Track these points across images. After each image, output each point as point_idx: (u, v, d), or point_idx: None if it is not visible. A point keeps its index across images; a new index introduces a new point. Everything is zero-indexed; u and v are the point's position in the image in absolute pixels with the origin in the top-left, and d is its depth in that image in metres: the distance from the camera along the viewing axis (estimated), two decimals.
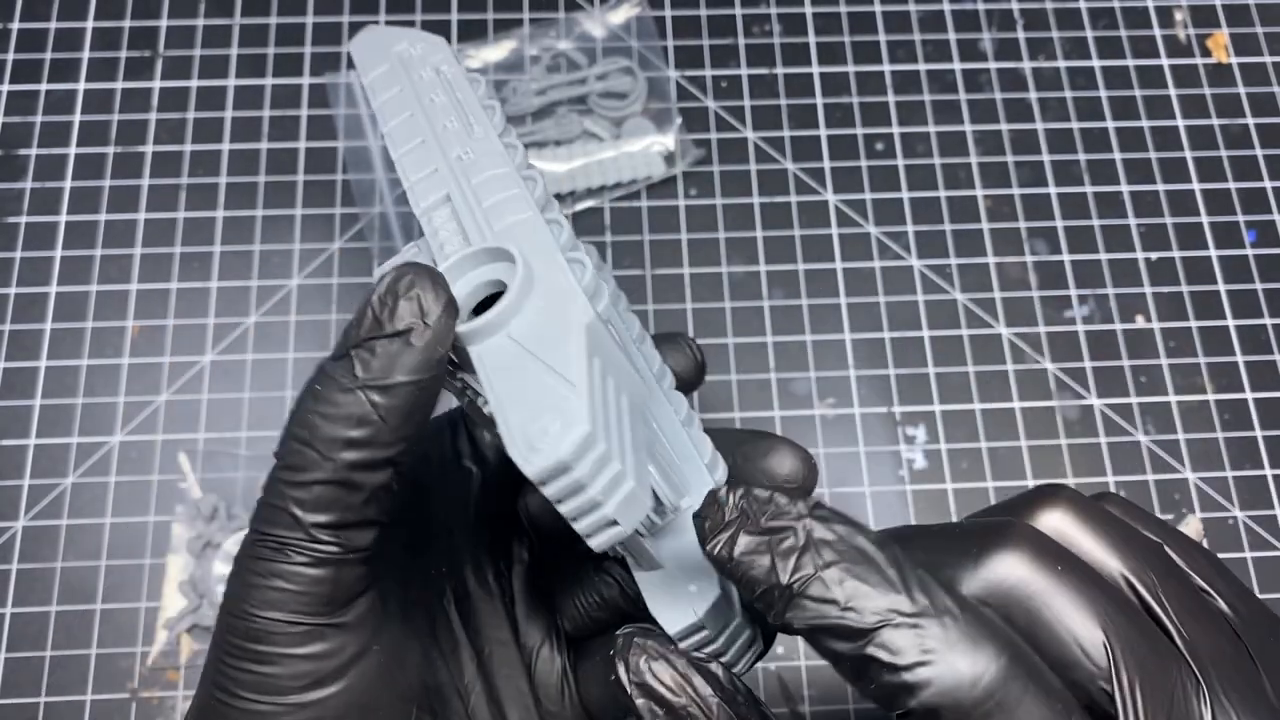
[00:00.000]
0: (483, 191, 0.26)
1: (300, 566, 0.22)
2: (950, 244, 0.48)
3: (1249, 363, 0.46)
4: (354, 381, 0.22)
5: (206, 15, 0.51)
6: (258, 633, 0.22)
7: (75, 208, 0.47)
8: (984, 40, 0.52)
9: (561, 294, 0.23)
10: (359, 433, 0.22)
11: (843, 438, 0.45)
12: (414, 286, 0.22)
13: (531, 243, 0.25)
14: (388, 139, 0.29)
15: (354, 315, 0.23)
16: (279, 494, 0.22)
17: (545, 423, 0.20)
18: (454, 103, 0.29)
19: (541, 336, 0.22)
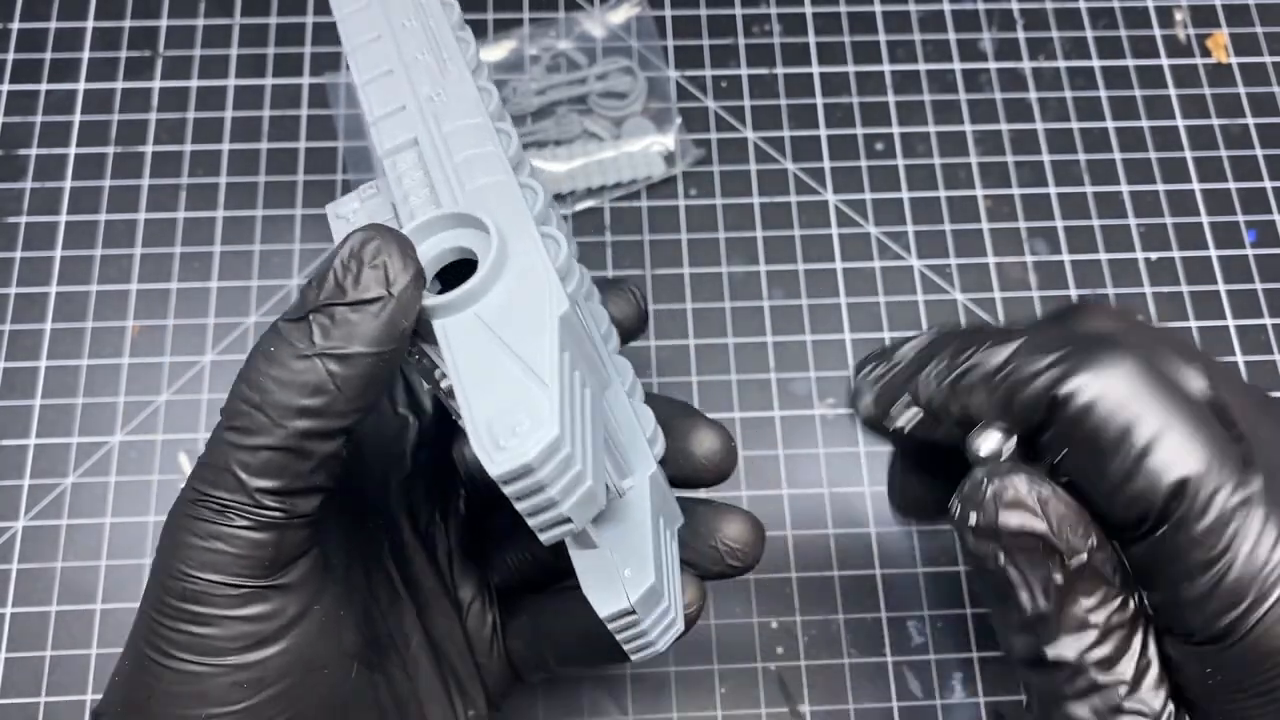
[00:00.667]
0: (454, 142, 0.25)
1: (241, 530, 0.22)
2: (950, 244, 0.48)
3: (1249, 363, 0.46)
4: (311, 348, 0.21)
5: (206, 15, 0.51)
6: (195, 594, 0.22)
7: (75, 208, 0.47)
8: (984, 40, 0.52)
9: (534, 276, 0.22)
10: (313, 401, 0.22)
11: (843, 438, 0.45)
12: (380, 253, 0.21)
13: (505, 211, 0.23)
14: (351, 60, 0.27)
15: (314, 276, 0.22)
16: (223, 455, 0.22)
17: (513, 420, 0.20)
18: (427, 32, 0.27)
19: (511, 321, 0.22)
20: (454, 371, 0.21)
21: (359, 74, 0.27)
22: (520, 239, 0.23)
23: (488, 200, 0.24)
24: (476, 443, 0.20)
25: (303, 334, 0.22)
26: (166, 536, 0.23)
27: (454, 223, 0.24)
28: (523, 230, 0.23)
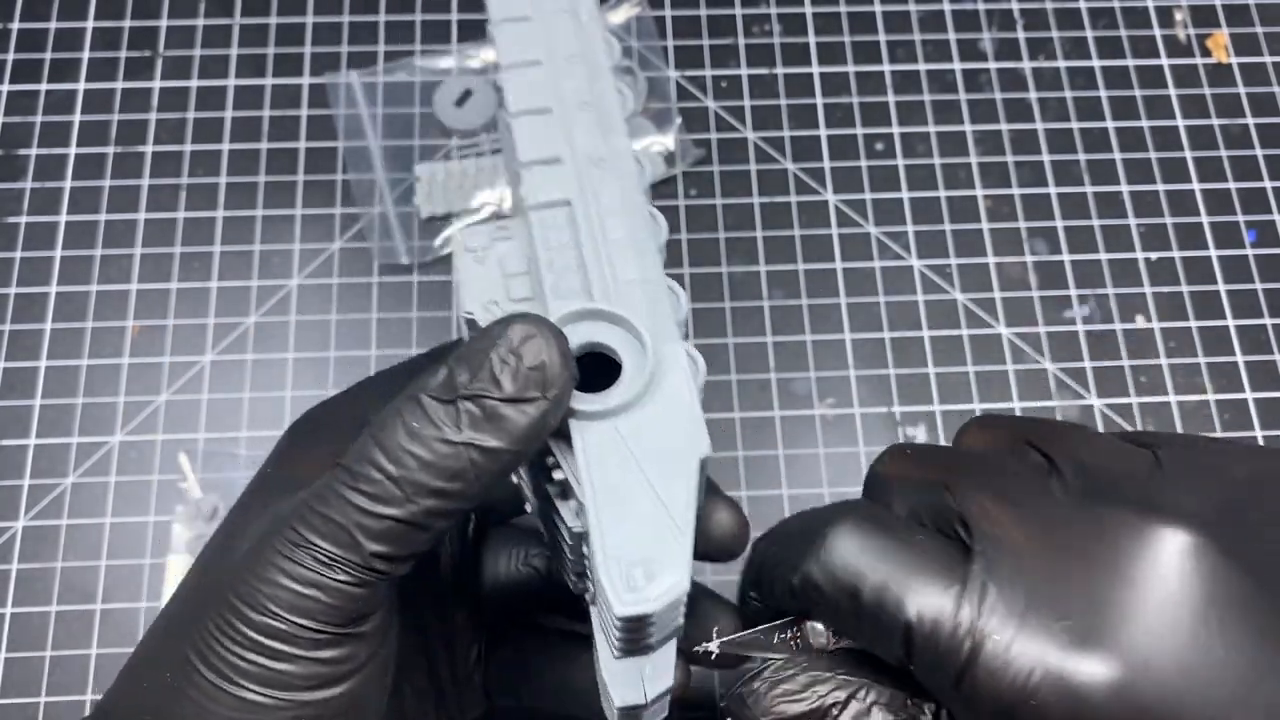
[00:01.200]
0: (610, 220, 0.24)
1: (342, 584, 0.22)
2: (950, 244, 0.48)
3: (1249, 363, 0.46)
4: (458, 434, 0.21)
5: (206, 15, 0.51)
6: (280, 632, 0.22)
7: (75, 208, 0.47)
8: (984, 40, 0.52)
9: (680, 406, 0.22)
10: (450, 485, 0.22)
11: (843, 438, 0.45)
12: (541, 353, 0.21)
13: (655, 319, 0.23)
14: (505, 81, 0.25)
15: (466, 355, 0.22)
16: (344, 513, 0.22)
17: (645, 561, 0.20)
18: (591, 78, 0.25)
19: (652, 449, 0.21)
20: (587, 483, 0.21)
21: (512, 100, 0.25)
22: (668, 357, 0.22)
23: (636, 300, 0.23)
24: (605, 574, 0.20)
25: (451, 418, 0.21)
26: (253, 573, 0.22)
27: (603, 317, 0.23)
28: (670, 348, 0.22)
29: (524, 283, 0.24)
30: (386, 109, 0.49)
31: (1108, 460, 0.25)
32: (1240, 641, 0.22)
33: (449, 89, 0.49)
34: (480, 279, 0.24)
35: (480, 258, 0.24)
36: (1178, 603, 0.22)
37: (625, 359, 0.22)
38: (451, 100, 0.49)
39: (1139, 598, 0.22)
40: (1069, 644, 0.22)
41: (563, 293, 0.23)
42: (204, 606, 0.23)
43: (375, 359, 0.45)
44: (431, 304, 0.46)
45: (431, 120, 0.49)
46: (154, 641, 0.25)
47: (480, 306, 0.23)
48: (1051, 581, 0.23)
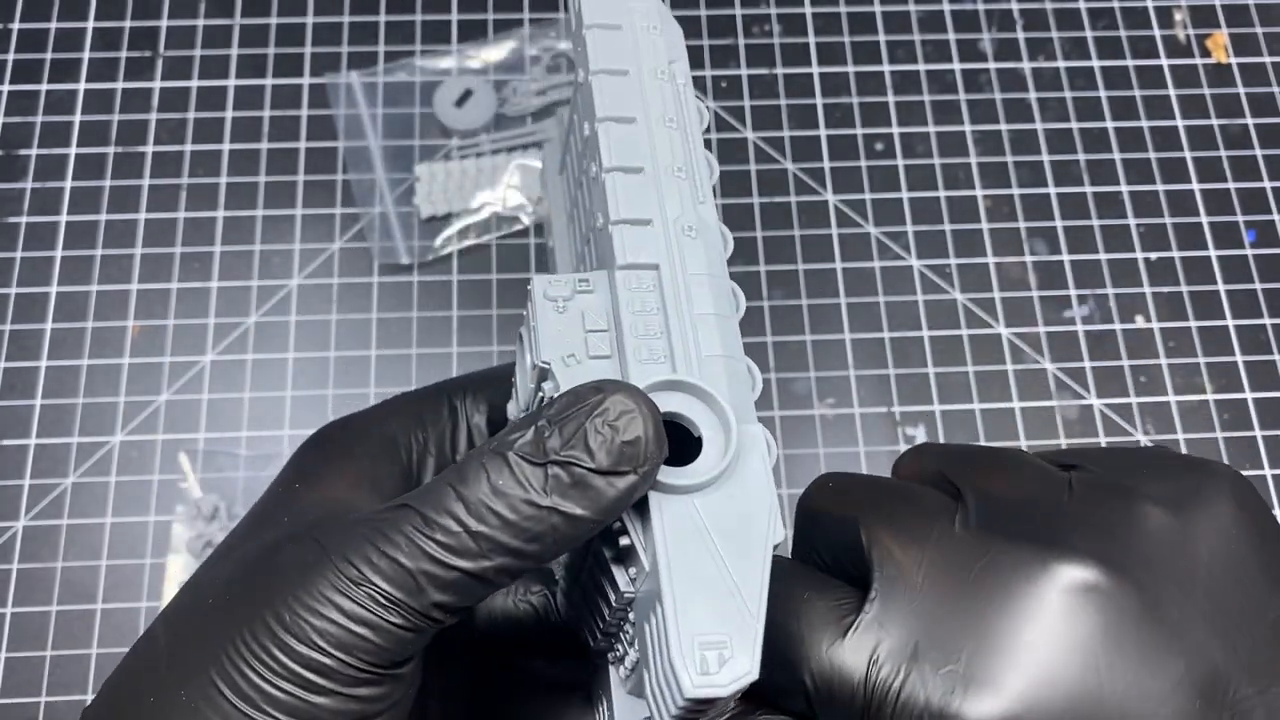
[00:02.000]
0: (696, 288, 0.23)
1: (395, 627, 0.22)
2: (950, 244, 0.48)
3: (1248, 363, 0.46)
4: (545, 498, 0.21)
5: (207, 15, 0.51)
6: (322, 666, 0.21)
7: (75, 208, 0.47)
8: (984, 40, 0.52)
9: (759, 489, 0.22)
10: (528, 547, 0.21)
11: (843, 438, 0.45)
12: (639, 428, 0.21)
13: (737, 397, 0.23)
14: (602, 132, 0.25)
15: (559, 418, 0.21)
16: (415, 559, 0.21)
17: (717, 643, 0.20)
18: (686, 144, 0.25)
19: (727, 530, 0.21)
20: (663, 558, 0.21)
21: (608, 155, 0.24)
22: (747, 437, 0.22)
23: (718, 375, 0.23)
24: (678, 653, 0.20)
25: (539, 481, 0.21)
26: (298, 603, 0.22)
27: (687, 390, 0.23)
28: (750, 428, 0.22)
29: (604, 340, 0.23)
30: (386, 109, 0.49)
31: (1017, 490, 0.25)
32: (1129, 675, 0.22)
33: (449, 89, 0.49)
34: (560, 330, 0.23)
35: (561, 308, 0.24)
36: (1067, 641, 0.22)
37: (706, 435, 0.22)
38: (451, 100, 0.49)
39: (1027, 638, 0.22)
40: (953, 690, 0.22)
41: (645, 359, 0.23)
42: (232, 626, 0.22)
43: (375, 359, 0.46)
44: (431, 304, 0.46)
45: (431, 120, 0.49)
46: (155, 652, 0.24)
47: (559, 359, 0.23)
48: (944, 624, 0.23)
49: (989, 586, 0.23)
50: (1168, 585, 0.23)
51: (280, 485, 0.27)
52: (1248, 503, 0.25)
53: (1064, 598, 0.22)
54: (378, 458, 0.26)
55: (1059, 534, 0.23)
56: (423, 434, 0.28)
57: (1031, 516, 0.24)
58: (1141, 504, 0.24)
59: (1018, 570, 0.23)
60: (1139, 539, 0.23)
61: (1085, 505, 0.24)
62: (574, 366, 0.23)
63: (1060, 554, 0.23)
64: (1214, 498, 0.25)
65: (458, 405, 0.29)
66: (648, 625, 0.22)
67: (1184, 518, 0.24)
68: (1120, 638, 0.22)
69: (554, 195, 0.33)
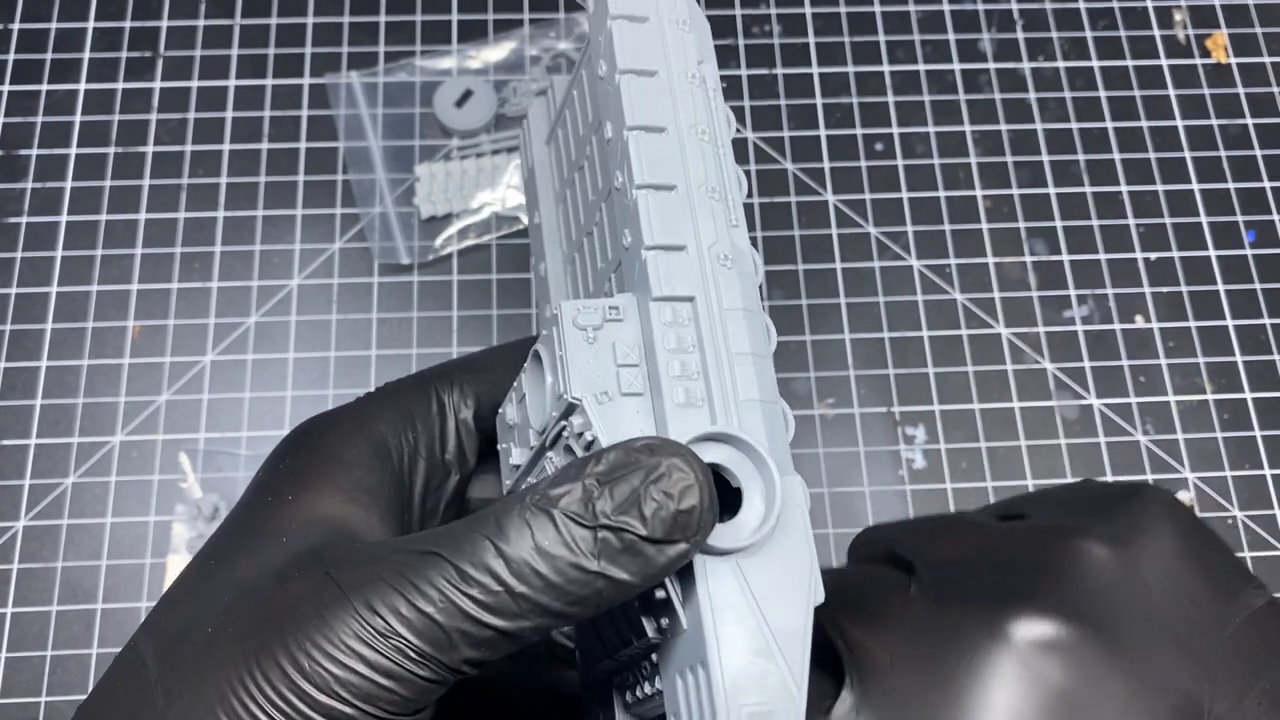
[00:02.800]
0: (732, 324, 0.22)
1: (422, 680, 0.21)
2: (950, 244, 0.48)
3: (1248, 363, 0.46)
4: (593, 563, 0.20)
5: (207, 16, 0.51)
6: (340, 715, 0.21)
7: (76, 208, 0.47)
8: (984, 40, 0.52)
9: (798, 550, 0.21)
10: (571, 610, 0.20)
11: (843, 438, 0.45)
12: (694, 500, 0.20)
13: (774, 446, 0.22)
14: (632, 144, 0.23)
15: (611, 479, 0.20)
16: (450, 616, 0.20)
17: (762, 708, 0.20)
18: (716, 154, 0.24)
19: (770, 591, 0.20)
20: (708, 621, 0.20)
21: (639, 170, 0.23)
22: (788, 491, 0.21)
23: (756, 422, 0.22)
24: (722, 706, 0.20)
25: (588, 546, 0.20)
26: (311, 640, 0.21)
27: (734, 444, 0.22)
28: (789, 480, 0.21)
29: (636, 376, 0.22)
30: (386, 109, 0.49)
31: (965, 552, 0.25)
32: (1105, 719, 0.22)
33: (449, 89, 0.49)
34: (591, 363, 0.22)
35: (591, 338, 0.22)
36: (1039, 701, 0.22)
37: (746, 491, 0.21)
38: (451, 100, 0.49)
39: (1000, 705, 0.22)
40: None
41: (682, 402, 0.22)
42: (239, 662, 0.21)
43: (375, 359, 0.46)
44: (432, 304, 0.46)
45: (431, 120, 0.49)
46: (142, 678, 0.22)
47: (592, 396, 0.22)
48: (917, 702, 0.22)
49: (954, 655, 0.23)
50: (1124, 621, 0.23)
51: (266, 491, 0.26)
52: (1182, 521, 0.25)
53: (1028, 656, 0.22)
54: (369, 465, 0.25)
55: (1011, 587, 0.23)
56: (413, 434, 0.27)
57: (982, 573, 0.24)
58: (1085, 544, 0.24)
59: (979, 634, 0.23)
60: (1088, 579, 0.23)
61: (1031, 553, 0.24)
62: (606, 404, 0.22)
63: (1016, 610, 0.22)
64: (1151, 524, 0.24)
65: (445, 400, 0.28)
66: (681, 680, 0.21)
67: (1126, 550, 0.24)
68: (1090, 685, 0.22)
69: (539, 168, 0.31)
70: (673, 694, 0.22)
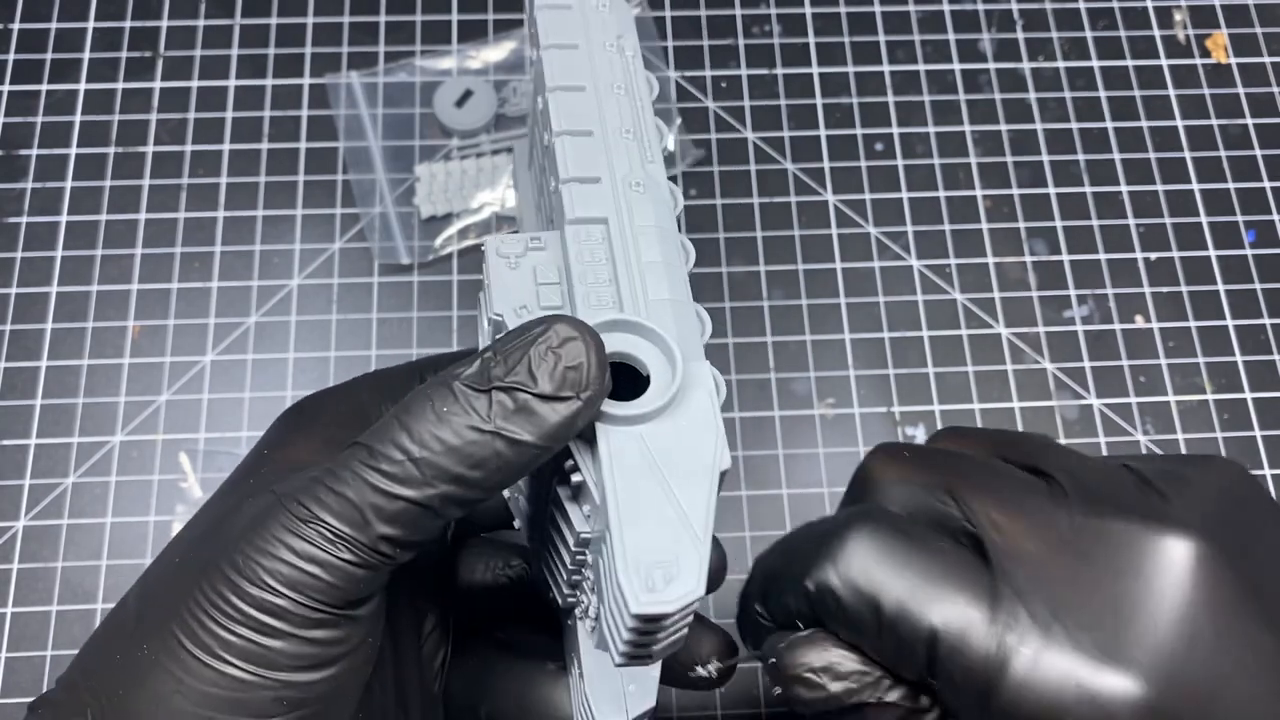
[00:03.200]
0: (643, 240, 0.24)
1: (345, 563, 0.22)
2: (950, 244, 0.48)
3: (1248, 363, 0.46)
4: (488, 424, 0.21)
5: (207, 16, 0.51)
6: (275, 608, 0.21)
7: (76, 208, 0.47)
8: (983, 41, 0.52)
9: (703, 420, 0.22)
10: (472, 474, 0.21)
11: (843, 438, 0.45)
12: (580, 355, 0.21)
13: (685, 337, 0.23)
14: (551, 100, 0.26)
15: (503, 348, 0.22)
16: (359, 491, 0.22)
17: (662, 564, 0.21)
18: (634, 107, 0.26)
19: (673, 459, 0.22)
20: (609, 486, 0.21)
21: (557, 120, 0.26)
22: (694, 373, 0.23)
23: (666, 317, 0.24)
24: (624, 573, 0.21)
25: (483, 407, 0.21)
26: (249, 544, 0.22)
27: (634, 330, 0.23)
28: (696, 365, 0.23)
29: (555, 292, 0.24)
30: (386, 109, 0.49)
31: (1096, 475, 0.25)
32: (1257, 640, 0.22)
33: (449, 89, 0.49)
34: (512, 284, 0.24)
35: (513, 264, 0.24)
36: (1196, 611, 0.22)
37: (653, 371, 0.23)
38: (451, 100, 0.49)
39: (1160, 607, 0.22)
40: (1097, 658, 0.22)
41: (594, 304, 0.24)
42: (191, 579, 0.22)
43: (375, 359, 0.46)
44: (431, 304, 0.46)
45: (431, 120, 0.49)
46: (126, 614, 0.24)
47: (511, 310, 0.24)
48: (1073, 593, 0.23)
49: (1113, 559, 0.23)
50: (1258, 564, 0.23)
51: (252, 455, 0.28)
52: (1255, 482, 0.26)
53: (1188, 569, 0.23)
54: (345, 422, 0.26)
55: (1165, 512, 0.24)
56: (391, 403, 0.28)
57: (1126, 498, 0.24)
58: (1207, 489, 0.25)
59: (1138, 544, 0.23)
60: (1221, 516, 0.24)
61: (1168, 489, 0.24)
62: (525, 317, 0.23)
63: (1176, 529, 0.23)
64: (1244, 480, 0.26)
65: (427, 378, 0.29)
66: (601, 559, 0.22)
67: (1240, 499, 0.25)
68: (1240, 606, 0.22)
69: (524, 190, 0.34)
70: (597, 576, 0.23)
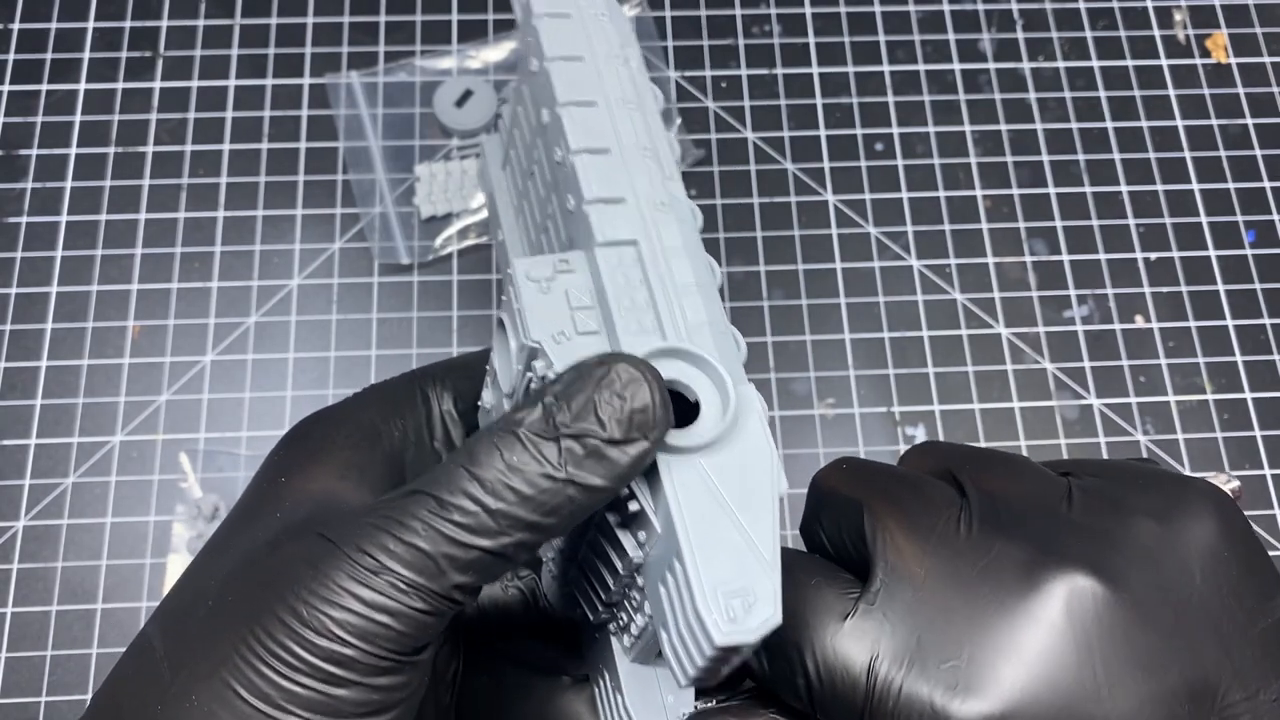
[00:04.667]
0: (674, 263, 0.24)
1: (417, 613, 0.22)
2: (950, 244, 0.48)
3: (1248, 363, 0.46)
4: (560, 472, 0.21)
5: (207, 16, 0.51)
6: (342, 658, 0.21)
7: (76, 208, 0.47)
8: (983, 41, 0.52)
9: (759, 446, 0.22)
10: (546, 520, 0.22)
11: (843, 438, 0.45)
12: (646, 396, 0.21)
13: (726, 360, 0.23)
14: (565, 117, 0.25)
15: (566, 394, 0.22)
16: (433, 542, 0.21)
17: (739, 592, 0.21)
18: (644, 120, 0.26)
19: (733, 484, 0.22)
20: (678, 518, 0.21)
21: (574, 138, 0.25)
22: (743, 398, 0.23)
23: (707, 341, 0.23)
24: (704, 605, 0.21)
25: (554, 455, 0.21)
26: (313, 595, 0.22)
27: (683, 357, 0.23)
28: (744, 389, 0.23)
29: (591, 317, 0.24)
30: (386, 109, 0.49)
31: (1019, 492, 0.25)
32: (1123, 679, 0.22)
33: (449, 89, 0.49)
34: (546, 309, 0.24)
35: (544, 289, 0.24)
36: (1063, 645, 0.22)
37: (703, 398, 0.23)
38: (451, 100, 0.49)
39: (1024, 641, 0.22)
40: (954, 689, 0.22)
41: (634, 330, 0.23)
42: (241, 625, 0.22)
43: (375, 359, 0.46)
44: (431, 304, 0.46)
45: (431, 120, 0.49)
46: (154, 660, 0.23)
47: (549, 337, 0.23)
48: (944, 620, 0.23)
49: (989, 586, 0.23)
50: (1161, 594, 0.23)
51: (264, 482, 0.27)
52: (1231, 519, 0.25)
53: (1061, 602, 0.23)
54: (360, 445, 0.26)
55: (1057, 539, 0.24)
56: (401, 421, 0.28)
57: (1031, 519, 0.24)
58: (1136, 516, 0.24)
59: (1018, 572, 0.23)
60: (1134, 549, 0.24)
61: (1082, 513, 0.24)
62: (564, 344, 0.23)
63: (1059, 560, 0.23)
64: (1202, 513, 0.25)
65: (430, 394, 0.29)
66: (663, 586, 0.22)
67: (1175, 531, 0.24)
68: (1114, 643, 0.22)
69: (498, 191, 0.34)
70: (658, 603, 0.23)
